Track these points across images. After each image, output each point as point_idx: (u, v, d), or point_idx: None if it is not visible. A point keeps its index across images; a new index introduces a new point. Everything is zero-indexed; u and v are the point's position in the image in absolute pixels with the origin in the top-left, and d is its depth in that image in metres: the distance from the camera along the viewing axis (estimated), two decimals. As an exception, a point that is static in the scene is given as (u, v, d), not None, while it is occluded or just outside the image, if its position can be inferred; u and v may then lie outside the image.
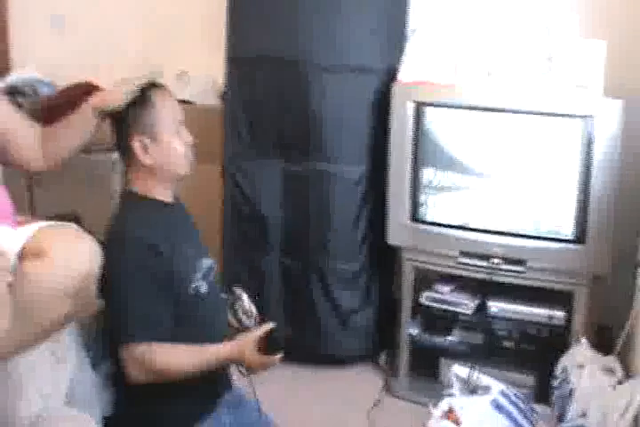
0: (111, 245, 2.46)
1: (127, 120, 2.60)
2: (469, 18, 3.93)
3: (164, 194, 2.65)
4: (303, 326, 3.91)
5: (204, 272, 2.64)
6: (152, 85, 2.65)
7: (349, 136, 3.79)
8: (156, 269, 2.48)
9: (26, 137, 2.64)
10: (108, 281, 2.42)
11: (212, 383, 2.67)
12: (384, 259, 4.00)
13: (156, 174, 2.61)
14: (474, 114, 3.48)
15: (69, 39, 4.77)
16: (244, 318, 2.73)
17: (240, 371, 2.67)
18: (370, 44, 3.75)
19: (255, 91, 3.86)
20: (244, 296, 2.77)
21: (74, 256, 2.16)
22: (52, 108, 4.21)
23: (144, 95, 2.60)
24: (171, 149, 2.59)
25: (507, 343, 3.59)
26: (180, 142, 2.61)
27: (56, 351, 2.32)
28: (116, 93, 2.57)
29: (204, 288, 2.60)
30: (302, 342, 3.90)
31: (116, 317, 2.49)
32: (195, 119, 2.72)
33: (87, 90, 4.29)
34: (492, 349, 3.60)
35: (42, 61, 4.66)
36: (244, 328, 2.72)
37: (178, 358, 2.49)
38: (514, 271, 3.46)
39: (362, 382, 3.91)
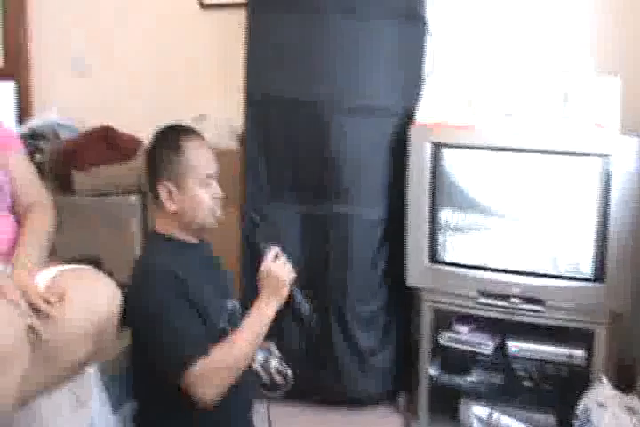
0: (139, 284, 2.49)
1: (157, 164, 2.62)
2: (485, 59, 3.96)
3: (187, 237, 2.67)
4: (322, 367, 3.89)
5: (229, 313, 2.66)
6: (188, 132, 2.68)
7: (368, 177, 3.80)
8: (189, 297, 2.50)
9: (28, 195, 2.65)
10: (144, 320, 2.45)
11: (232, 424, 2.68)
12: (403, 299, 3.99)
13: (180, 221, 2.63)
14: (491, 154, 3.49)
15: (89, 82, 4.82)
16: (275, 374, 2.74)
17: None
18: (388, 86, 3.77)
19: (274, 133, 3.88)
20: (277, 353, 2.80)
21: (94, 299, 2.19)
22: (72, 152, 4.25)
23: (176, 143, 2.62)
24: (195, 200, 2.61)
25: (527, 383, 3.55)
26: (207, 195, 2.63)
27: (78, 393, 2.34)
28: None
29: (228, 329, 2.62)
30: (321, 382, 3.89)
31: (165, 351, 2.48)
32: (212, 162, 2.74)
33: (105, 133, 4.37)
34: (513, 389, 3.57)
35: (62, 105, 4.70)
36: (273, 384, 2.75)
37: (230, 353, 2.51)
38: (533, 311, 3.44)
39: (381, 423, 3.88)
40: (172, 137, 2.66)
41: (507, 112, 3.54)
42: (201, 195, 2.62)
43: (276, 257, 2.66)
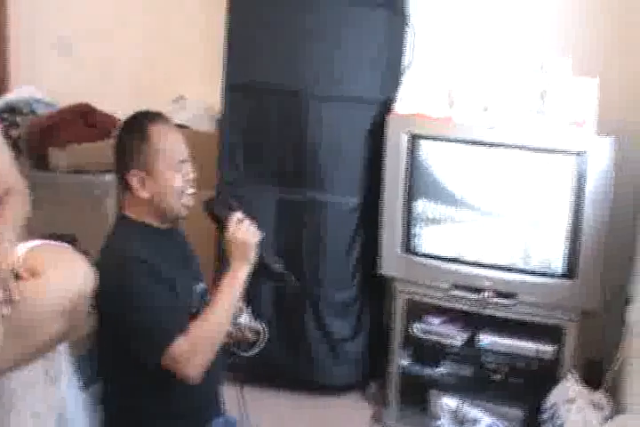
0: (111, 269, 2.45)
1: (126, 154, 2.59)
2: (465, 53, 3.96)
3: (157, 222, 2.64)
4: (294, 354, 3.90)
5: (200, 295, 2.64)
6: (154, 118, 2.64)
7: (345, 166, 3.80)
8: (162, 282, 2.49)
9: (2, 182, 2.59)
10: (117, 306, 2.43)
11: (201, 407, 2.67)
12: (376, 288, 4.00)
13: (153, 207, 2.60)
14: (468, 148, 3.50)
15: (69, 61, 4.78)
16: (247, 332, 2.73)
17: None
18: (368, 75, 3.78)
19: (252, 118, 3.88)
20: (246, 309, 2.77)
21: (68, 277, 2.17)
22: (49, 128, 4.23)
23: (142, 131, 2.58)
24: (166, 184, 2.57)
25: (496, 376, 3.57)
26: (178, 178, 2.59)
27: (49, 371, 2.32)
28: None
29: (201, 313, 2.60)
30: (293, 369, 3.91)
31: (141, 335, 2.45)
32: (189, 144, 2.71)
33: (83, 111, 4.34)
34: (482, 381, 3.59)
35: (42, 81, 4.67)
36: (245, 341, 2.74)
37: (207, 324, 2.48)
38: (504, 305, 3.46)
39: (351, 411, 3.89)
40: (138, 125, 2.61)
41: (484, 106, 3.55)
42: (172, 179, 2.57)
43: (239, 222, 2.60)
